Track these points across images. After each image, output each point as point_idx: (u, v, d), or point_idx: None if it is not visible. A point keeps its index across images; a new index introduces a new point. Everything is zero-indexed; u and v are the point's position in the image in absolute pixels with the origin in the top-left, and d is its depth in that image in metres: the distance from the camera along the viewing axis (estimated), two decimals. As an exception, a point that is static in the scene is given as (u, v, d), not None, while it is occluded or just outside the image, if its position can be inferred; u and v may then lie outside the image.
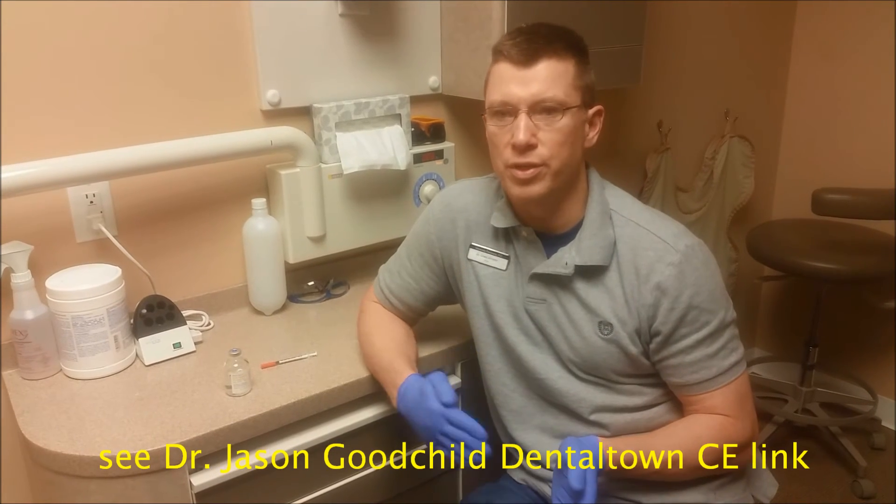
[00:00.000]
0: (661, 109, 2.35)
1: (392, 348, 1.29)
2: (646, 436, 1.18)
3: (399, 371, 1.22)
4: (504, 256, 1.24)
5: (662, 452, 1.13)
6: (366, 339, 1.34)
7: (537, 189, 1.11)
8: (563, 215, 1.17)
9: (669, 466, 1.13)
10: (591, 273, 1.15)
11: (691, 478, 1.17)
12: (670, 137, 2.37)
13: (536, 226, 1.19)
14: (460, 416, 1.12)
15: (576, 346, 1.17)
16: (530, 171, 1.10)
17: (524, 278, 1.21)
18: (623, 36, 1.82)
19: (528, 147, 1.09)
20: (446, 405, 1.12)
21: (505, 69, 1.10)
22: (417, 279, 1.34)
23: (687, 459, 1.13)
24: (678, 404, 1.20)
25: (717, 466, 1.15)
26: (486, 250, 1.25)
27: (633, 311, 1.13)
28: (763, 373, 2.98)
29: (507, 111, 1.10)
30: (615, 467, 1.10)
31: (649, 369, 1.17)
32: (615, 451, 1.10)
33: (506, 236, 1.24)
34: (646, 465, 1.12)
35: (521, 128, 1.08)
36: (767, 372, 2.98)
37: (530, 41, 1.09)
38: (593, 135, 1.16)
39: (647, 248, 1.12)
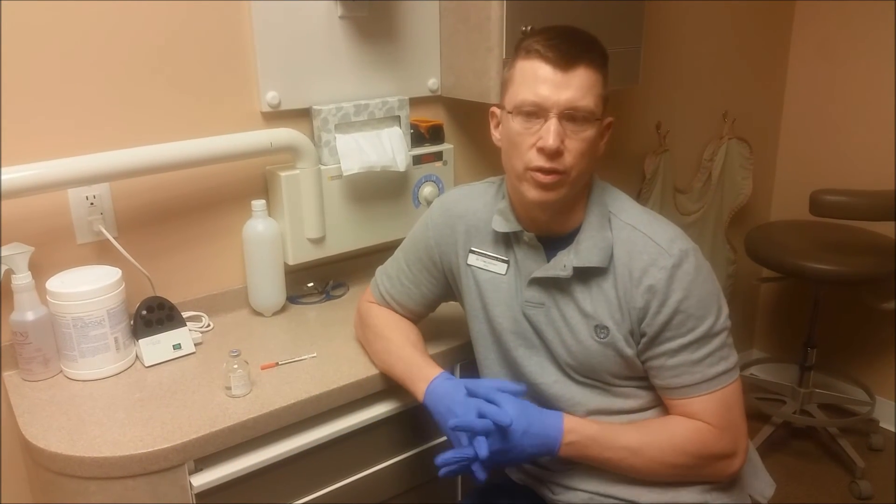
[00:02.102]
0: (660, 111, 2.36)
1: (410, 343, 1.29)
2: (619, 423, 1.17)
3: (427, 365, 1.23)
4: (503, 261, 1.24)
5: (632, 434, 1.13)
6: (377, 335, 1.34)
7: (555, 196, 1.11)
8: (565, 219, 1.18)
9: (637, 451, 1.12)
10: (588, 276, 1.15)
11: (662, 477, 1.16)
12: (669, 139, 2.38)
13: (537, 230, 1.19)
14: (489, 407, 1.11)
15: (572, 350, 1.17)
16: (552, 177, 1.09)
17: (523, 282, 1.21)
18: (621, 37, 1.83)
19: (558, 153, 1.07)
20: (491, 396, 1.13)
21: (539, 68, 1.08)
22: (417, 284, 1.35)
23: (657, 452, 1.13)
24: None
25: (687, 468, 1.14)
26: (485, 255, 1.25)
27: (625, 313, 1.13)
28: (761, 374, 2.98)
29: (536, 112, 1.08)
30: (574, 437, 1.11)
31: (644, 371, 1.17)
32: (577, 423, 1.13)
33: (505, 241, 1.24)
34: (612, 442, 1.12)
35: (553, 132, 1.06)
36: (765, 373, 2.98)
37: (570, 44, 1.07)
38: (602, 144, 1.16)
39: (641, 251, 1.13)
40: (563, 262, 1.16)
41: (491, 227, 1.24)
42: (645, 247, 1.13)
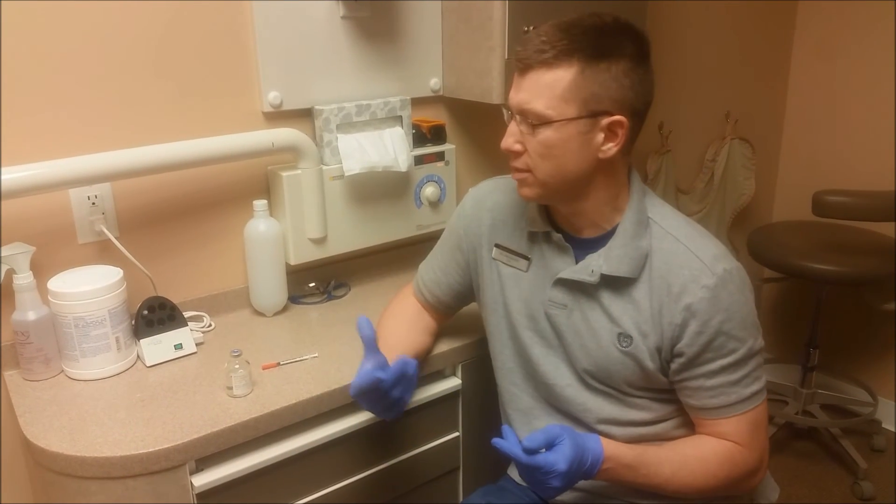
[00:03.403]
0: (662, 111, 2.36)
1: (385, 337, 1.30)
2: (652, 446, 1.16)
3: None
4: (526, 258, 1.23)
5: (666, 465, 1.12)
6: (378, 322, 1.38)
7: (527, 192, 1.14)
8: (587, 219, 1.15)
9: (670, 479, 1.12)
10: (617, 283, 1.13)
11: (689, 497, 1.15)
12: (671, 139, 2.38)
13: (566, 227, 1.18)
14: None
15: (592, 354, 1.16)
16: (519, 175, 1.13)
17: (548, 281, 1.19)
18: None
19: (513, 153, 1.11)
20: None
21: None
22: (446, 272, 1.36)
23: (689, 478, 1.12)
24: (687, 420, 1.19)
25: (717, 489, 1.14)
26: (508, 250, 1.25)
27: (657, 326, 1.10)
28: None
29: (510, 115, 1.12)
30: (611, 464, 1.09)
31: (663, 385, 1.15)
32: (615, 450, 1.10)
33: (531, 238, 1.23)
34: (647, 470, 1.11)
35: (507, 133, 1.11)
36: (768, 374, 2.91)
37: (529, 47, 1.07)
38: (611, 146, 1.08)
39: (682, 265, 1.09)
40: (591, 267, 1.13)
41: (518, 222, 1.24)
42: (687, 261, 1.09)
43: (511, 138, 1.10)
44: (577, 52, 1.04)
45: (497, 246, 1.27)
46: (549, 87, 1.05)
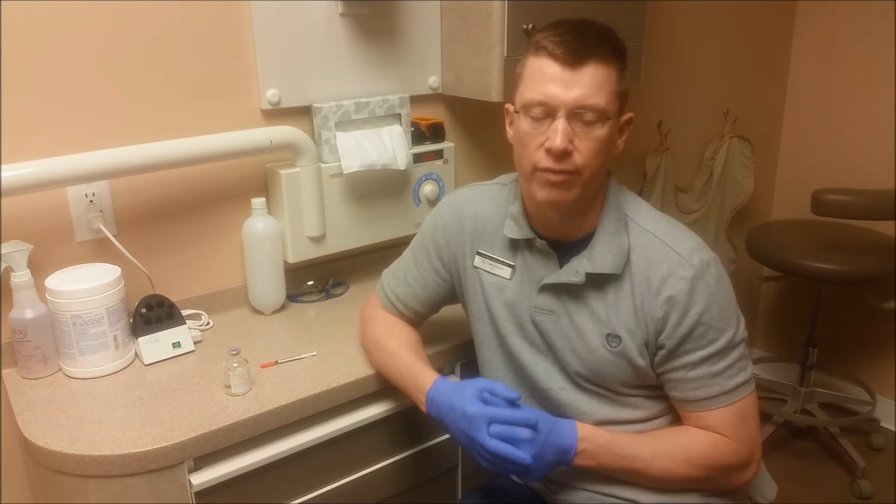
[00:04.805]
0: (661, 109, 2.35)
1: (408, 351, 1.26)
2: (631, 433, 1.16)
3: (424, 374, 1.19)
4: (509, 265, 1.22)
5: (644, 447, 1.12)
6: (377, 344, 1.31)
7: (565, 195, 1.08)
8: (579, 222, 1.15)
9: (650, 463, 1.11)
10: (602, 282, 1.13)
11: (674, 486, 1.15)
12: (670, 137, 2.38)
13: (551, 233, 1.17)
14: (508, 415, 1.07)
15: (583, 358, 1.15)
16: (561, 176, 1.06)
17: (532, 288, 1.19)
18: (623, 35, 1.79)
19: (565, 154, 1.04)
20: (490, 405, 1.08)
21: (547, 66, 1.05)
22: (424, 284, 1.33)
23: (670, 463, 1.12)
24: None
25: (700, 479, 1.13)
26: (491, 258, 1.24)
27: (641, 322, 1.11)
28: (762, 373, 2.98)
29: (545, 112, 1.05)
30: (586, 445, 1.10)
31: (656, 381, 1.15)
32: (590, 432, 1.11)
33: (513, 245, 1.22)
34: (624, 451, 1.11)
35: (560, 132, 1.03)
36: (766, 372, 2.98)
37: (579, 41, 1.03)
38: (621, 142, 1.13)
39: (661, 260, 1.10)
40: (576, 268, 1.13)
41: (499, 230, 1.22)
42: (665, 256, 1.10)
43: (566, 137, 1.03)
44: (616, 51, 1.08)
45: (479, 254, 1.25)
46: (606, 83, 1.05)
